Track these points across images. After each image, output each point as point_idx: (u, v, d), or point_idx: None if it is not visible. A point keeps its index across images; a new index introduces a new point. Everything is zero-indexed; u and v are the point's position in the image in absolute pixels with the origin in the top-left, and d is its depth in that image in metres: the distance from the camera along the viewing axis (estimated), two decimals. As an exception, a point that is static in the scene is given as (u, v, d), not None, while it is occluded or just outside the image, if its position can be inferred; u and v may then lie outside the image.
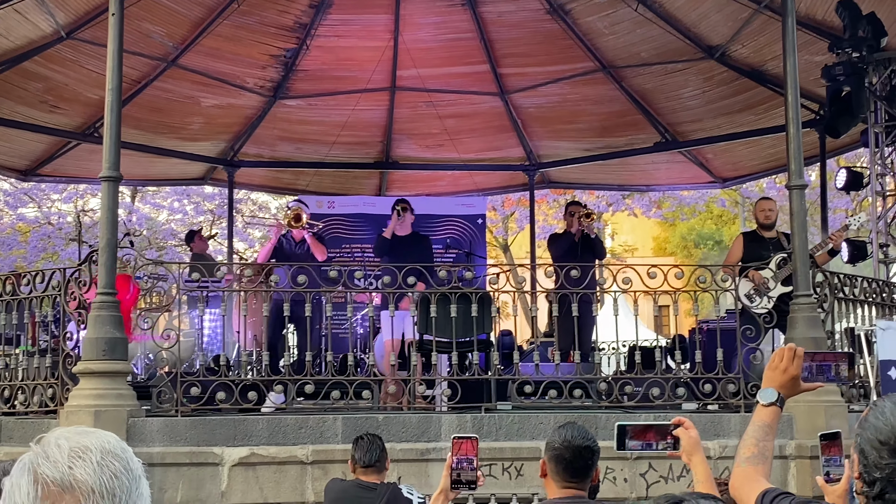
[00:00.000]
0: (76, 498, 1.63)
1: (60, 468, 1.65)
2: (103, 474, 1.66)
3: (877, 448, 2.77)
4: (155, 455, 7.85)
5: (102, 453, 1.68)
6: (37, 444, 1.70)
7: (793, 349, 3.25)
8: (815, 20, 12.24)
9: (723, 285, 9.07)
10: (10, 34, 12.54)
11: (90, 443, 1.69)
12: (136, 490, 1.70)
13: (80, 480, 1.64)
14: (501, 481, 7.91)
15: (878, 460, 2.76)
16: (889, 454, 2.74)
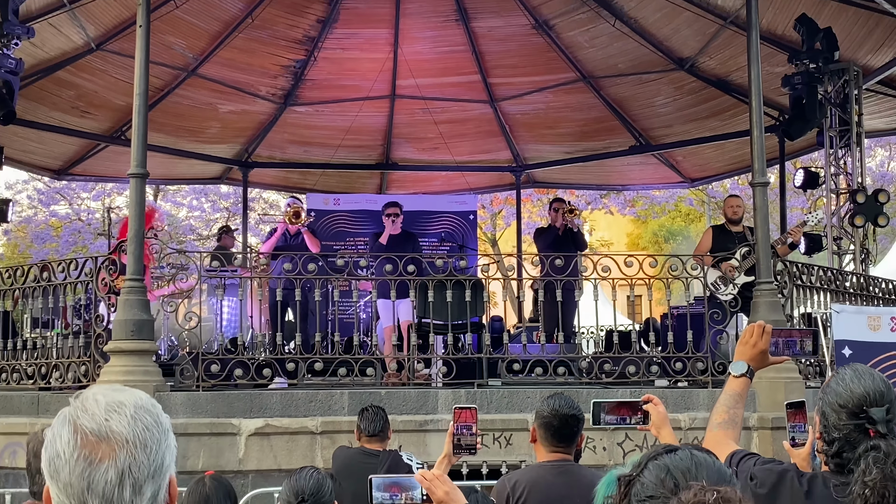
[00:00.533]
0: (111, 447, 1.65)
1: (98, 420, 1.67)
2: (136, 426, 1.67)
3: (836, 411, 2.81)
4: (178, 426, 7.83)
5: (135, 408, 1.70)
6: (76, 400, 1.72)
7: (762, 326, 3.27)
8: (776, 35, 12.26)
9: (692, 273, 9.08)
10: (45, 46, 12.50)
11: (125, 399, 1.71)
12: (165, 441, 1.72)
13: (115, 431, 1.66)
14: (492, 450, 7.92)
15: (837, 422, 2.80)
16: (847, 416, 2.78)
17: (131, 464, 1.65)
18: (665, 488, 2.00)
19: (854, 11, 11.48)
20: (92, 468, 1.63)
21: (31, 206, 28.60)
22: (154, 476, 1.68)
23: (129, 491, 1.64)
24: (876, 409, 2.73)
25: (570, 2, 13.29)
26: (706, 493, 1.91)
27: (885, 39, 11.80)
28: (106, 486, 1.63)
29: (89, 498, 1.63)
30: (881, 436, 2.70)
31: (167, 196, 28.49)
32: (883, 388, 2.81)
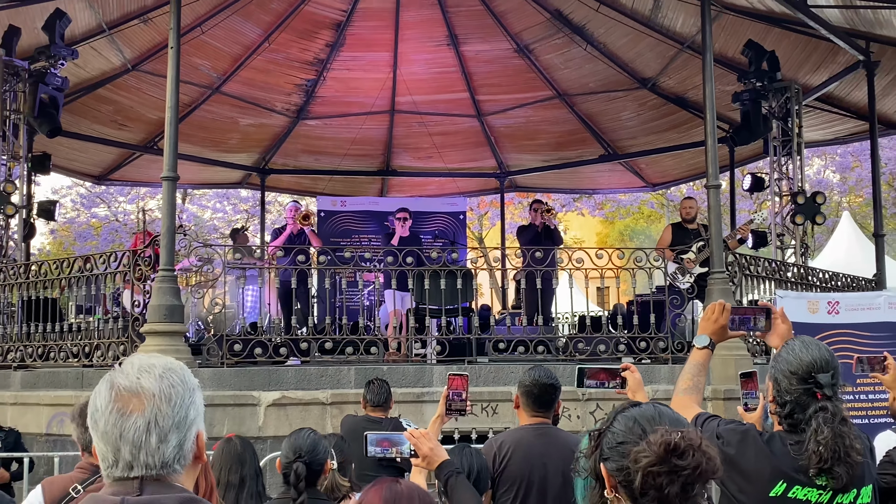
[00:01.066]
0: (141, 401, 1.68)
1: (130, 378, 1.71)
2: (163, 383, 1.71)
3: (787, 377, 2.83)
4: (205, 398, 7.72)
5: (164, 369, 1.74)
6: (117, 365, 1.78)
7: (722, 304, 3.28)
8: (727, 57, 12.29)
9: (654, 264, 9.11)
10: (87, 66, 12.49)
11: (156, 362, 1.76)
12: (190, 398, 1.75)
13: (144, 387, 1.69)
14: (480, 418, 7.93)
15: (789, 387, 2.82)
16: (797, 381, 2.80)
17: (157, 414, 1.68)
18: (633, 434, 2.01)
19: (795, 37, 11.52)
20: (123, 419, 1.67)
21: (74, 208, 28.51)
22: (178, 426, 1.70)
23: (156, 438, 1.67)
24: (822, 374, 2.75)
25: (547, 28, 13.32)
26: (671, 433, 1.93)
27: (822, 62, 11.85)
28: (135, 433, 1.67)
29: (122, 444, 1.67)
30: (827, 398, 2.73)
31: (194, 199, 28.42)
32: (828, 356, 2.83)
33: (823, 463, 2.66)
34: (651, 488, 1.93)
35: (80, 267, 8.94)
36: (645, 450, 1.94)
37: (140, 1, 11.76)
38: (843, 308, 7.16)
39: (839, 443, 2.65)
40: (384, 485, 2.75)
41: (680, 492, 1.92)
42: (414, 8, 13.18)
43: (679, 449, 1.91)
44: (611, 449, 2.05)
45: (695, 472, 1.91)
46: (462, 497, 3.30)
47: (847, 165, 26.63)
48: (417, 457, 3.45)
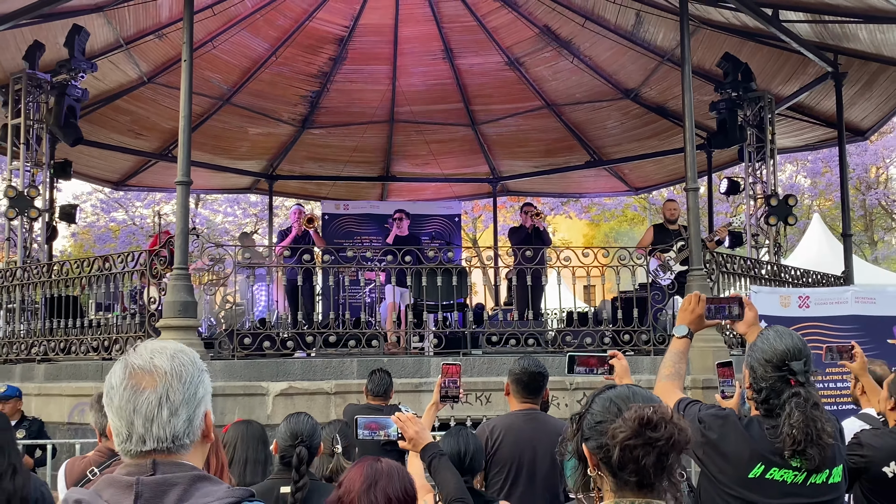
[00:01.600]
0: (154, 378, 1.70)
1: (144, 358, 1.73)
2: (174, 362, 1.73)
3: (762, 364, 2.84)
4: (217, 388, 7.84)
5: (175, 350, 1.77)
6: (132, 349, 1.79)
7: (698, 295, 3.30)
8: (705, 69, 12.32)
9: (637, 261, 9.11)
10: (105, 79, 12.49)
11: (167, 345, 1.79)
12: (199, 377, 1.78)
13: (157, 366, 1.72)
14: (475, 407, 7.94)
15: (764, 374, 2.83)
16: (772, 369, 2.81)
17: (169, 390, 1.70)
18: (610, 413, 2.03)
19: (768, 50, 11.56)
20: (137, 394, 1.69)
21: (94, 212, 28.50)
22: (188, 402, 1.72)
23: (167, 412, 1.69)
24: (795, 362, 2.76)
25: (536, 43, 13.34)
26: (644, 409, 1.96)
27: (793, 73, 11.89)
28: (148, 407, 1.68)
29: (135, 418, 1.69)
30: (800, 384, 2.74)
31: (206, 204, 28.42)
32: (800, 345, 2.84)
33: (797, 445, 2.67)
34: (629, 461, 1.95)
35: (99, 266, 8.93)
36: (621, 425, 1.96)
37: (155, 17, 11.78)
38: (813, 302, 7.18)
39: (811, 426, 2.67)
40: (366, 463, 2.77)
41: (656, 462, 1.94)
42: (412, 24, 13.20)
43: (652, 422, 1.93)
44: (590, 429, 2.07)
45: (668, 443, 1.94)
46: (444, 477, 3.31)
47: (818, 171, 26.70)
48: (404, 439, 3.47)
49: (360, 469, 2.75)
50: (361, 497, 2.67)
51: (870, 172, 27.13)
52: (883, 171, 27.80)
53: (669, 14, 11.26)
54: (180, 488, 1.65)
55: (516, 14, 12.82)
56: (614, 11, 12.13)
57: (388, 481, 2.71)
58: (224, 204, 28.34)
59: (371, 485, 2.69)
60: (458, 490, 3.27)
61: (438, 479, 3.33)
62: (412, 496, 2.77)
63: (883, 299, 7.19)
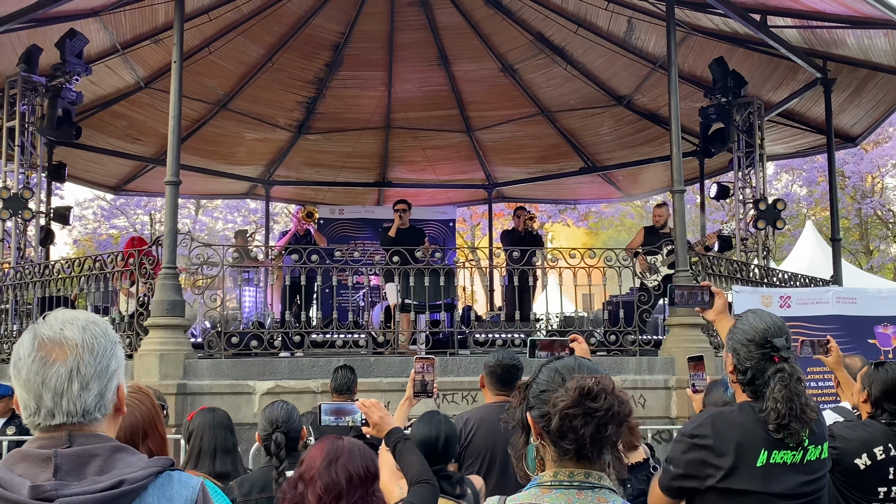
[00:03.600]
0: (64, 350, 1.64)
1: (54, 329, 1.66)
2: (85, 334, 1.67)
3: (745, 345, 2.84)
4: (205, 386, 7.84)
5: (86, 321, 1.70)
6: (41, 318, 1.73)
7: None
8: (695, 76, 12.35)
9: (624, 263, 9.08)
10: (102, 84, 12.52)
11: (79, 315, 1.72)
12: (112, 350, 1.70)
13: (68, 338, 1.65)
14: (461, 405, 7.90)
15: (748, 354, 2.82)
16: (755, 347, 2.81)
17: (79, 363, 1.64)
18: (554, 383, 2.04)
19: (758, 56, 11.56)
20: (46, 367, 1.63)
21: (96, 220, 28.58)
22: (100, 376, 1.66)
23: (77, 385, 1.63)
24: (777, 339, 2.78)
25: (530, 50, 13.37)
26: (586, 379, 1.96)
27: (783, 80, 11.89)
28: (58, 381, 1.62)
29: (44, 392, 1.62)
30: (784, 360, 2.76)
31: (206, 211, 28.47)
32: (780, 322, 2.87)
33: (781, 419, 2.68)
34: (568, 431, 1.95)
35: (90, 266, 8.92)
36: (562, 395, 1.96)
37: (152, 23, 11.81)
38: (795, 302, 7.17)
39: (795, 401, 2.68)
40: (327, 440, 2.76)
41: (594, 433, 1.94)
42: (407, 30, 13.24)
43: (592, 392, 1.94)
44: (535, 398, 2.08)
45: (607, 414, 1.94)
46: (409, 460, 3.30)
47: (813, 180, 26.70)
48: (368, 425, 3.45)
49: (321, 446, 2.75)
50: (322, 473, 2.67)
51: (865, 181, 27.11)
52: (878, 179, 27.78)
53: (660, 21, 11.26)
54: (100, 459, 1.60)
55: (510, 21, 12.86)
56: (606, 18, 12.16)
57: (348, 458, 2.70)
58: (224, 210, 28.41)
59: (332, 461, 2.69)
60: (422, 472, 3.26)
61: (402, 463, 3.31)
62: (374, 473, 2.77)
63: (864, 300, 7.17)
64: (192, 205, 26.99)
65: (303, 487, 2.69)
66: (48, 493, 1.53)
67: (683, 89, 10.85)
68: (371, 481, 2.77)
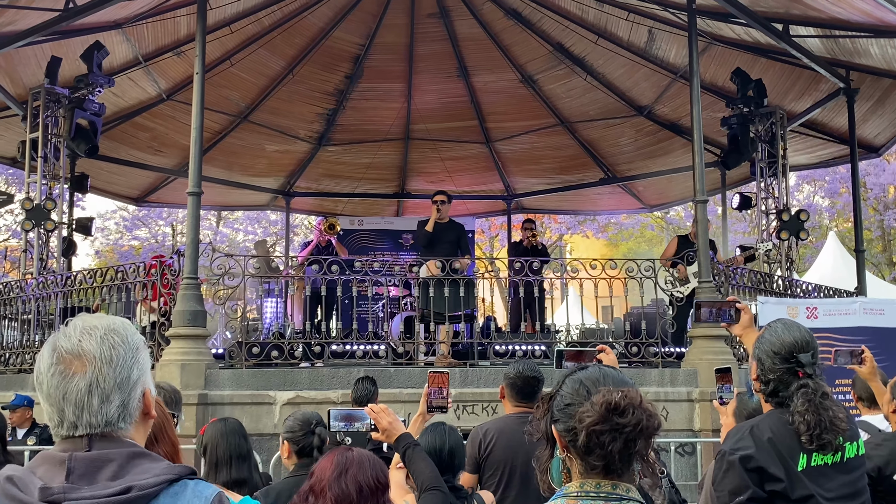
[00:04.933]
0: (83, 363, 1.62)
1: (72, 341, 1.64)
2: (103, 345, 1.64)
3: (770, 356, 2.80)
4: (225, 396, 7.83)
5: (105, 330, 1.66)
6: (62, 326, 1.70)
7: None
8: (717, 86, 12.28)
9: (645, 274, 8.97)
10: (125, 96, 12.61)
11: (98, 323, 1.68)
12: (133, 358, 1.67)
13: (86, 350, 1.63)
14: (481, 417, 7.85)
15: (772, 365, 2.79)
16: (780, 361, 2.77)
17: (98, 376, 1.61)
18: (580, 396, 1.98)
19: (780, 66, 11.48)
20: (66, 380, 1.61)
21: (118, 230, 28.78)
22: (121, 387, 1.64)
23: (98, 399, 1.61)
24: (803, 354, 2.74)
25: (550, 60, 13.35)
26: (613, 393, 1.90)
27: (806, 89, 11.80)
28: (77, 395, 1.60)
29: (65, 405, 1.61)
30: (808, 376, 2.72)
31: (227, 223, 28.59)
32: (808, 337, 2.83)
33: (811, 430, 2.65)
34: (596, 446, 1.90)
35: (112, 276, 8.95)
36: (588, 409, 1.91)
37: (174, 35, 11.89)
38: (822, 313, 7.07)
39: (823, 415, 2.65)
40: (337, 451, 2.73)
41: (622, 448, 1.89)
42: (427, 42, 13.26)
43: (620, 407, 1.88)
44: (560, 411, 2.02)
45: (636, 429, 1.88)
46: (419, 467, 3.25)
47: (835, 191, 26.44)
48: (377, 431, 3.41)
49: (331, 457, 2.71)
50: (332, 485, 2.63)
51: (888, 192, 26.82)
52: (901, 191, 27.45)
53: (681, 31, 11.21)
54: (115, 464, 1.58)
55: (530, 32, 12.85)
56: (627, 29, 12.12)
57: (358, 469, 2.66)
58: (244, 222, 28.51)
59: (342, 472, 2.65)
60: (432, 479, 3.21)
61: (413, 469, 3.27)
62: (384, 484, 2.73)
63: (892, 310, 7.06)
64: (213, 216, 27.12)
65: (313, 499, 2.66)
66: (55, 495, 1.52)
67: (705, 99, 10.78)
68: (382, 492, 2.74)
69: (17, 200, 12.73)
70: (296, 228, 25.67)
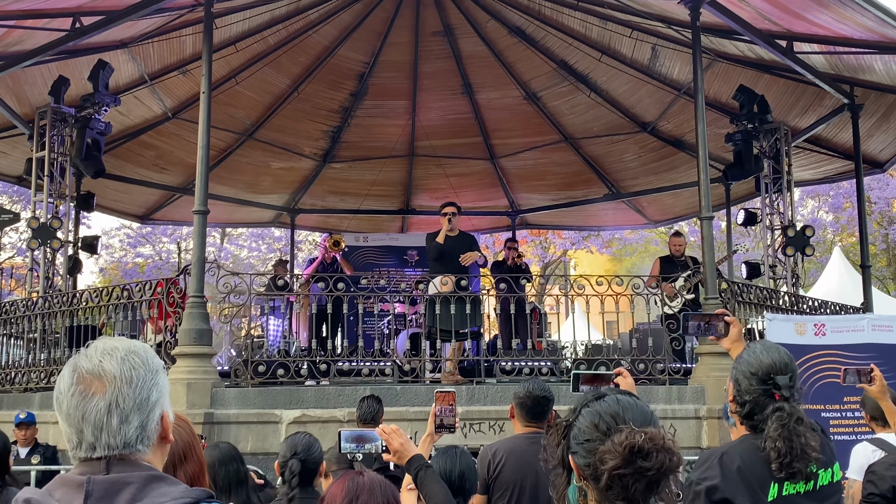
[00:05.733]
0: (103, 383, 1.62)
1: (93, 361, 1.64)
2: (124, 366, 1.64)
3: (747, 377, 2.76)
4: (231, 415, 7.79)
5: (126, 352, 1.67)
6: (84, 348, 1.70)
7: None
8: (721, 102, 12.27)
9: (653, 290, 8.97)
10: (130, 114, 12.65)
11: (119, 345, 1.68)
12: (153, 380, 1.67)
13: (106, 370, 1.63)
14: (488, 435, 7.81)
15: (748, 387, 2.74)
16: (757, 382, 2.73)
17: (118, 396, 1.61)
18: (599, 432, 1.94)
19: (784, 82, 11.49)
20: (85, 401, 1.61)
21: (122, 248, 28.80)
22: (140, 408, 1.64)
23: (117, 419, 1.61)
24: (781, 376, 2.69)
25: (553, 77, 13.37)
26: (636, 435, 1.86)
27: (810, 105, 11.80)
28: (97, 415, 1.60)
29: (84, 426, 1.61)
30: (784, 399, 2.67)
31: (231, 239, 28.61)
32: (787, 359, 2.76)
33: (782, 458, 2.59)
34: (618, 487, 1.87)
35: (118, 294, 8.94)
36: (610, 450, 1.87)
37: (179, 54, 11.93)
38: (829, 330, 7.02)
39: (795, 441, 2.59)
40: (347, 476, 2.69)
41: (645, 488, 1.85)
42: (431, 60, 13.29)
43: (644, 451, 1.84)
44: (578, 444, 1.98)
45: (659, 472, 1.85)
46: (432, 489, 3.21)
47: (839, 206, 26.41)
48: (389, 452, 3.38)
49: (342, 483, 2.68)
50: None
51: (892, 207, 26.78)
52: (905, 205, 27.42)
53: (685, 48, 11.24)
54: (133, 488, 1.57)
55: (534, 49, 12.87)
56: (630, 46, 12.14)
57: (369, 496, 2.63)
58: (249, 239, 28.55)
59: (352, 499, 2.62)
60: (445, 501, 3.17)
61: (425, 492, 3.23)
62: None
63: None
64: (218, 233, 27.14)
65: None
66: None
67: (709, 115, 10.76)
68: None
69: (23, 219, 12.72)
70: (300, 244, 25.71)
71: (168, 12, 10.18)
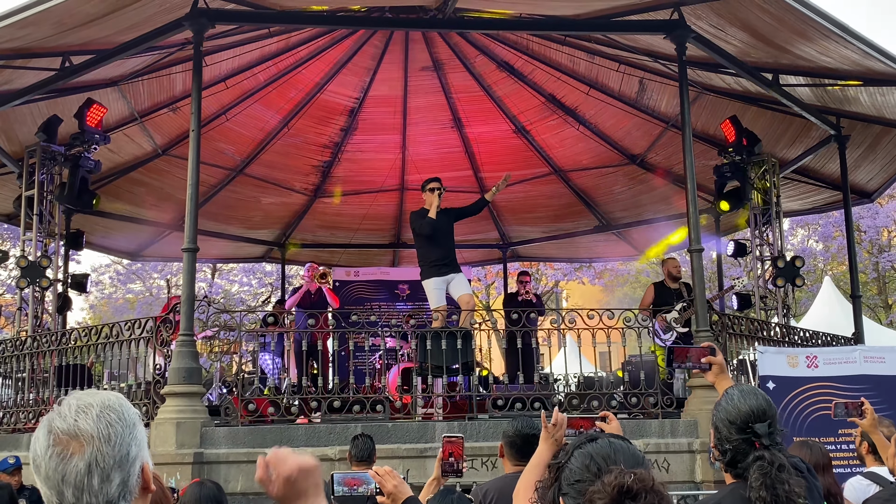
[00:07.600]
0: (80, 443, 1.58)
1: (68, 421, 1.60)
2: (100, 423, 1.60)
3: (727, 426, 2.75)
4: (221, 455, 7.71)
5: (101, 408, 1.62)
6: (56, 405, 1.66)
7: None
8: (709, 134, 12.36)
9: (644, 324, 8.95)
10: (120, 152, 12.66)
11: (93, 401, 1.64)
12: (131, 434, 1.63)
13: (82, 429, 1.59)
14: (480, 472, 7.74)
15: (728, 435, 2.74)
16: (736, 431, 2.72)
17: (97, 456, 1.58)
18: (590, 473, 1.95)
19: (771, 114, 11.59)
20: (64, 462, 1.57)
21: (112, 284, 28.69)
22: (121, 465, 1.61)
23: (98, 479, 1.57)
24: (759, 424, 2.68)
25: (542, 111, 13.46)
26: (624, 476, 1.86)
27: (797, 137, 11.89)
28: (77, 476, 1.56)
29: (64, 488, 1.57)
30: (765, 447, 2.65)
31: (222, 275, 28.52)
32: (765, 405, 2.75)
33: None
34: None
35: (106, 333, 8.88)
36: (599, 491, 1.87)
37: (169, 91, 11.97)
38: (822, 362, 7.02)
39: (780, 488, 2.56)
40: None
41: None
42: (421, 94, 13.36)
43: (632, 491, 1.84)
44: (569, 485, 1.99)
45: None
46: None
47: (829, 235, 26.55)
48: (382, 494, 3.34)
49: None
50: None
51: (882, 235, 26.93)
52: (895, 233, 27.59)
53: (672, 81, 11.32)
54: None
55: (522, 84, 12.96)
56: (618, 79, 12.23)
57: None
58: (239, 274, 28.47)
59: None
60: None
61: None
62: None
63: (893, 358, 7.02)
64: (209, 269, 27.07)
65: None
66: None
67: (697, 147, 10.81)
68: None
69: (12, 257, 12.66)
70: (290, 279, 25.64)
71: (158, 51, 10.22)
